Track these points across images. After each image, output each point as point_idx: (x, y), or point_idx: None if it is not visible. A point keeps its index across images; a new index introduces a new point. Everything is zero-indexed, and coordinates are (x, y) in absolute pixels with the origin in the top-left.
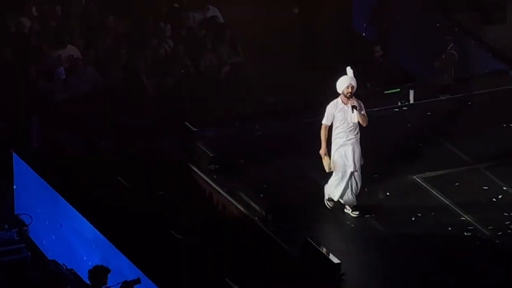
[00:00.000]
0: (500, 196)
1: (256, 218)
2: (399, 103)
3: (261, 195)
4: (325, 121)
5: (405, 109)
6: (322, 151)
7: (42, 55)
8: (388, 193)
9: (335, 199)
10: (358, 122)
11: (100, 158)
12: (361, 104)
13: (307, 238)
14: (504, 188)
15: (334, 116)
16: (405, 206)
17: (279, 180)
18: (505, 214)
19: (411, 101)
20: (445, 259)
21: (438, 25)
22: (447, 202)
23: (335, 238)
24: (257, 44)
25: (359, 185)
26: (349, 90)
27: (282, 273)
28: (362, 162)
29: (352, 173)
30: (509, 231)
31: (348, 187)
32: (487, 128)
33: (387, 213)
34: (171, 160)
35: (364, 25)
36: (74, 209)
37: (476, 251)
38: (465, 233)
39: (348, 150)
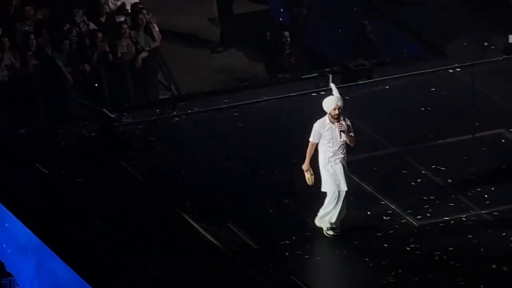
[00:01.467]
0: (419, 180)
1: (174, 203)
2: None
3: (180, 181)
4: (312, 139)
5: (323, 94)
6: (305, 166)
7: None
8: None
9: (333, 221)
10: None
11: (20, 146)
12: (349, 122)
13: (230, 225)
14: (423, 172)
15: (321, 135)
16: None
17: (196, 166)
18: (424, 198)
19: (329, 86)
20: (364, 244)
21: (355, 9)
22: (366, 186)
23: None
24: (174, 29)
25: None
26: (336, 112)
27: (196, 256)
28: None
29: (339, 193)
30: (428, 214)
31: (344, 208)
32: (405, 112)
33: (306, 199)
34: (90, 147)
35: (281, 10)
36: None
37: (395, 234)
38: (384, 217)
39: (338, 169)
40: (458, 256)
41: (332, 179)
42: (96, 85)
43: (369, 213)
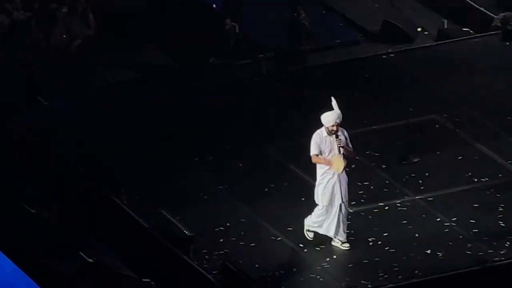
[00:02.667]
0: (353, 166)
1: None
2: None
3: (114, 168)
4: (314, 151)
5: (257, 80)
6: (327, 161)
7: None
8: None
9: (331, 234)
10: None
11: None
12: (346, 134)
13: (162, 210)
14: (357, 158)
15: (319, 146)
16: (258, 178)
17: (134, 151)
18: (358, 183)
19: (264, 72)
20: (299, 230)
21: None
22: (300, 173)
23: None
24: (108, 17)
25: (346, 217)
26: (334, 128)
27: (130, 243)
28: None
29: (340, 205)
30: (363, 200)
31: (340, 221)
32: (339, 97)
33: (240, 185)
34: (22, 134)
35: None
36: None
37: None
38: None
39: (334, 182)
40: (393, 241)
41: (325, 192)
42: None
43: (303, 199)
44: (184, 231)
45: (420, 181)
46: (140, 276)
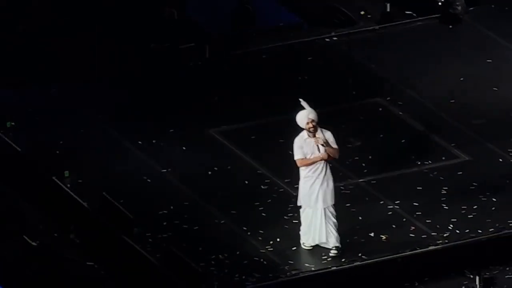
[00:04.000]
0: None
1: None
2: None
3: (57, 152)
4: (299, 156)
5: (200, 64)
6: (312, 158)
7: None
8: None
9: (323, 240)
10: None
11: None
12: (329, 134)
13: (103, 192)
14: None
15: (302, 150)
16: (201, 160)
17: (80, 134)
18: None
19: (207, 56)
20: (243, 213)
21: None
22: (244, 156)
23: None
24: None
25: (335, 221)
26: (310, 125)
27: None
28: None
29: (324, 210)
30: None
31: (327, 225)
32: (283, 81)
33: (183, 167)
34: None
35: None
36: None
37: (273, 204)
38: (262, 187)
39: (317, 185)
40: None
41: (308, 195)
42: None
43: (247, 182)
44: (127, 214)
45: (363, 164)
46: (83, 260)
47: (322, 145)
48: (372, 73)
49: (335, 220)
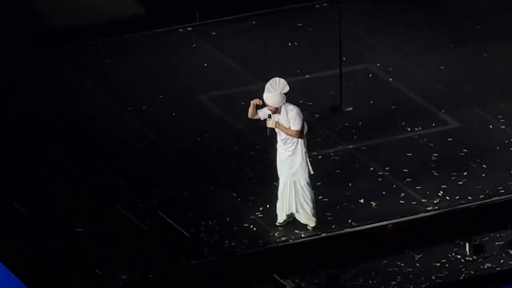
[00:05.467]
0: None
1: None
2: None
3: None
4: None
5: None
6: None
7: None
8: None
9: (289, 212)
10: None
11: None
12: (293, 113)
13: (95, 161)
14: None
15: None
16: (190, 126)
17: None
18: None
19: None
20: (232, 178)
21: None
22: (233, 123)
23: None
24: None
25: (309, 197)
26: (269, 107)
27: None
28: (308, 174)
29: (294, 183)
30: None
31: (298, 198)
32: (274, 48)
33: (172, 134)
34: None
35: None
36: None
37: (261, 170)
38: (252, 153)
39: (285, 160)
40: (325, 191)
41: (279, 167)
42: None
43: (236, 148)
44: (118, 180)
45: (353, 131)
46: (72, 226)
47: (271, 128)
48: (362, 38)
49: (307, 196)
